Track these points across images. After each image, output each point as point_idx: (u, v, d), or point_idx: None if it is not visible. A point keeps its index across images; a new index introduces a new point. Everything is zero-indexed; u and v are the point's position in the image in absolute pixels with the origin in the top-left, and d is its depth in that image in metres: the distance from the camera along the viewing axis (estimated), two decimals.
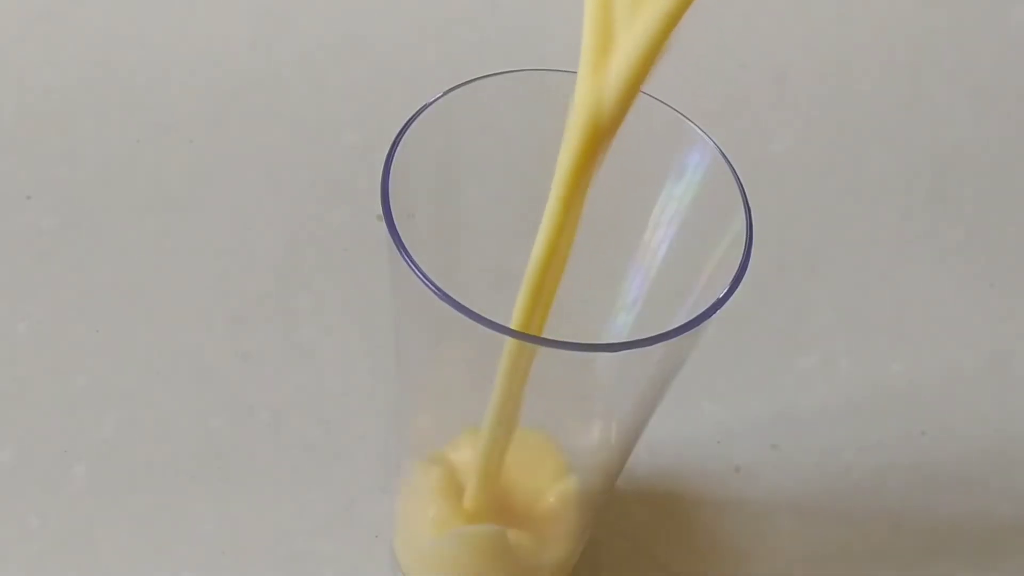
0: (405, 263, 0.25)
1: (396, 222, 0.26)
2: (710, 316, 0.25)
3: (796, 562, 0.41)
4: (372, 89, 0.55)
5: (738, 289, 0.26)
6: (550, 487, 0.31)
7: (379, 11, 0.60)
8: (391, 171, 0.27)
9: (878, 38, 0.61)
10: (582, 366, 0.26)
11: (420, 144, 0.28)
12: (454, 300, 0.24)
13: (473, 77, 0.28)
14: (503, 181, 0.31)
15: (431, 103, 0.28)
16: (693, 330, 0.25)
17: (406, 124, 0.28)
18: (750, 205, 0.27)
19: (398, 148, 0.27)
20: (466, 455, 0.31)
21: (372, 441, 0.42)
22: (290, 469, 0.41)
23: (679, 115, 0.29)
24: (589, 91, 0.23)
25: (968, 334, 0.49)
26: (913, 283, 0.51)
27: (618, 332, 0.32)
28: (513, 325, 0.27)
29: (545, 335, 0.27)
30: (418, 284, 0.25)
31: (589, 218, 0.28)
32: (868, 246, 0.53)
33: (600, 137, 0.23)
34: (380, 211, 0.26)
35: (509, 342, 0.25)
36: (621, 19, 0.23)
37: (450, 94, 0.28)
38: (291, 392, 0.44)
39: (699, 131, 0.29)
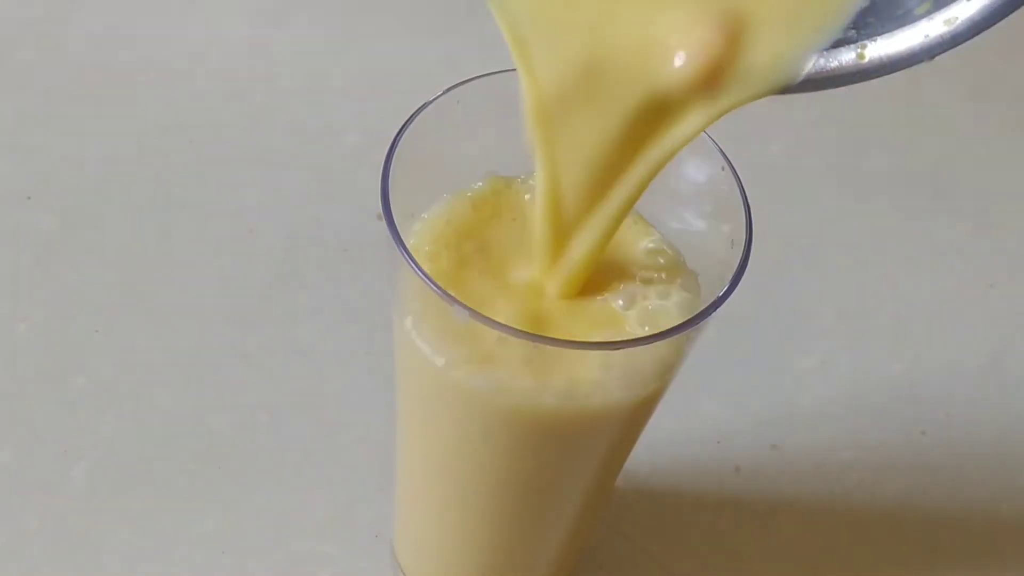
0: (405, 263, 0.25)
1: (396, 222, 0.26)
2: (709, 315, 0.25)
3: (796, 562, 0.41)
4: (372, 89, 0.55)
5: (737, 288, 0.26)
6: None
7: (379, 11, 0.60)
8: (391, 171, 0.27)
9: None
10: (581, 364, 0.26)
11: (420, 144, 0.28)
12: (454, 299, 0.24)
13: (473, 76, 0.28)
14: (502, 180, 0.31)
15: (431, 103, 0.28)
16: (691, 329, 0.25)
17: (405, 124, 0.28)
18: (750, 205, 0.27)
19: (398, 148, 0.27)
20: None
21: (372, 441, 0.42)
22: (290, 469, 0.41)
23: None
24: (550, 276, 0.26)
25: (968, 334, 0.49)
26: (913, 283, 0.51)
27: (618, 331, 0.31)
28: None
29: (546, 332, 0.26)
30: (419, 283, 0.25)
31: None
32: (868, 246, 0.53)
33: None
34: (380, 211, 0.26)
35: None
36: (572, 224, 0.25)
37: (450, 93, 0.28)
38: (291, 392, 0.44)
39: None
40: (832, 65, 0.24)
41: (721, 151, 0.28)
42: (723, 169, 0.28)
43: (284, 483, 0.41)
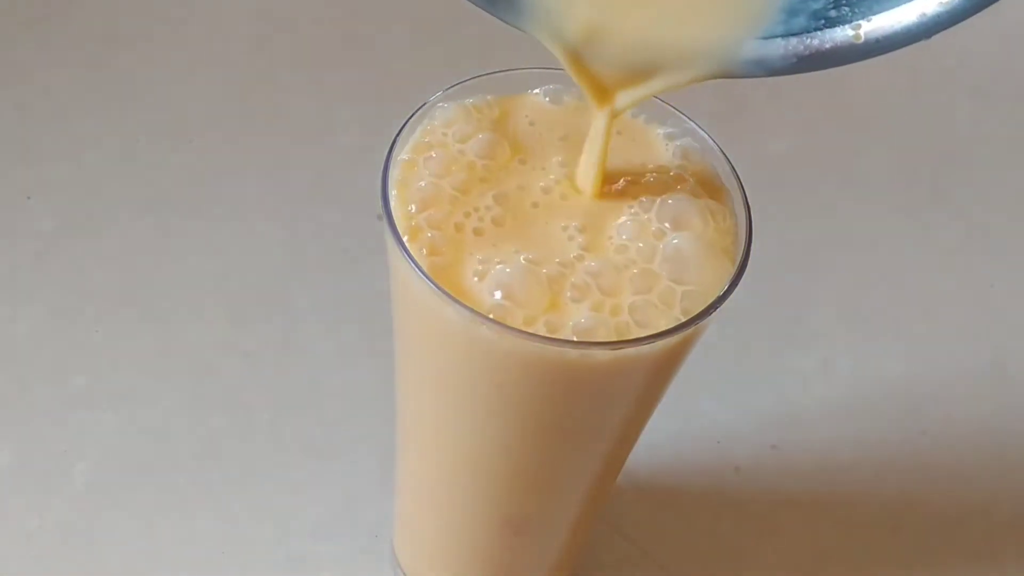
0: (405, 262, 0.25)
1: (396, 222, 0.26)
2: (708, 315, 0.25)
3: (796, 562, 0.41)
4: (372, 89, 0.55)
5: (737, 288, 0.26)
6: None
7: (379, 11, 0.60)
8: (391, 171, 0.27)
9: None
10: (581, 363, 0.26)
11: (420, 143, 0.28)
12: (454, 298, 0.24)
13: (472, 76, 0.28)
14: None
15: (431, 103, 0.28)
16: (691, 328, 0.25)
17: (405, 123, 0.28)
18: (750, 205, 0.27)
19: (397, 148, 0.27)
20: None
21: (372, 441, 0.42)
22: (290, 469, 0.41)
23: (679, 115, 0.29)
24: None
25: (968, 334, 0.49)
26: (913, 283, 0.51)
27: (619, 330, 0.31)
28: None
29: (548, 328, 0.26)
30: (418, 283, 0.25)
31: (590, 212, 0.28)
32: (868, 246, 0.53)
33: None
34: (380, 211, 0.26)
35: None
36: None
37: (449, 93, 0.28)
38: (291, 392, 0.44)
39: (699, 131, 0.29)
40: (827, 45, 0.24)
41: (721, 151, 0.28)
42: (723, 169, 0.28)
43: (284, 483, 0.41)
